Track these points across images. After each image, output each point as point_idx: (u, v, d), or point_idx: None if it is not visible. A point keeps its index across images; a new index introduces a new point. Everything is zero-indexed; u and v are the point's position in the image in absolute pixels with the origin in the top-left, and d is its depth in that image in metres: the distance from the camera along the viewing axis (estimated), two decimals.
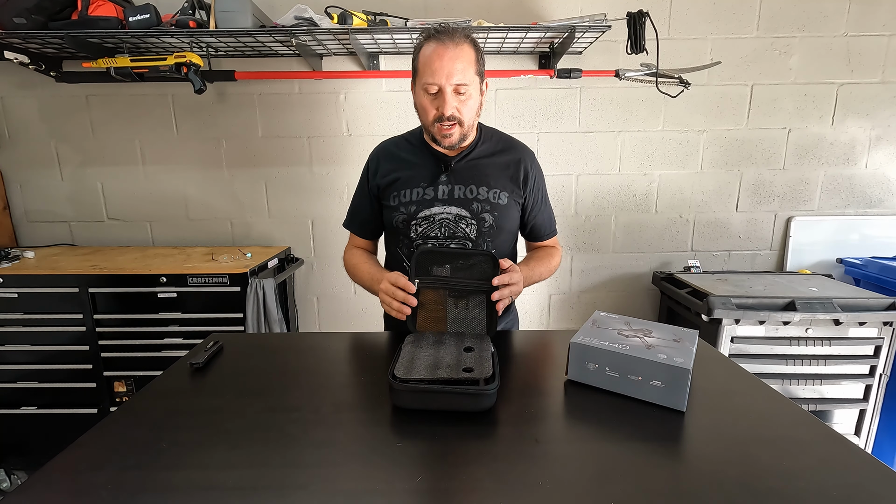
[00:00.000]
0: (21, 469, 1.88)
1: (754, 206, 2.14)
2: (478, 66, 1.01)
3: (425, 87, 1.00)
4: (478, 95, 1.03)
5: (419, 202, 1.09)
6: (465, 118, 1.01)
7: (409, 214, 1.10)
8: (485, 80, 1.06)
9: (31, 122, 2.03)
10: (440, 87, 0.98)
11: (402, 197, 1.10)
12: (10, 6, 1.58)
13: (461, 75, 0.97)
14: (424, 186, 1.09)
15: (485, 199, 1.08)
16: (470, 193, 1.08)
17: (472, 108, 1.02)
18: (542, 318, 2.25)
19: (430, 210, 1.09)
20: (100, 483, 0.57)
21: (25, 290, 1.68)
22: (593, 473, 0.58)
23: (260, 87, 2.01)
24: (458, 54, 0.96)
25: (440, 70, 0.96)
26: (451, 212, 1.08)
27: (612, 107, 2.03)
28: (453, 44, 0.97)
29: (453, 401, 0.70)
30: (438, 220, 1.09)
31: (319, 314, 2.24)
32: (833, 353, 1.66)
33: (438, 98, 0.99)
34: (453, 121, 1.00)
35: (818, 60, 1.99)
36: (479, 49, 1.02)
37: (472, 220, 1.08)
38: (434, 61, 0.97)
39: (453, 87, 0.98)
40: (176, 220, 2.14)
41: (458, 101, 0.99)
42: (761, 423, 0.69)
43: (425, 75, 0.99)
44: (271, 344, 1.09)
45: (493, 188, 1.09)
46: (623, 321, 0.90)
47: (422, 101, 1.03)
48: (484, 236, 1.09)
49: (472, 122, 1.05)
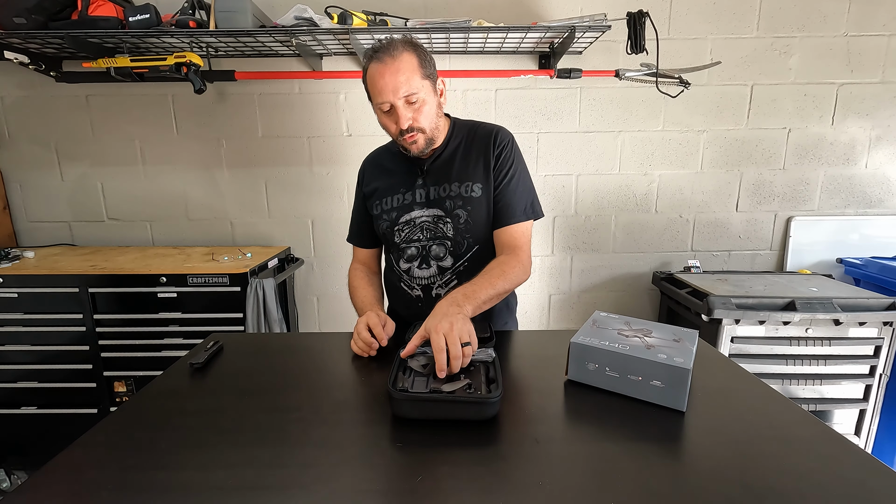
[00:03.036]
0: (21, 469, 1.88)
1: (754, 206, 2.13)
2: (424, 71, 1.00)
3: (379, 107, 1.02)
4: (433, 98, 1.03)
5: (400, 208, 1.12)
6: (424, 125, 1.01)
7: (392, 220, 1.12)
8: (438, 80, 1.06)
9: (31, 122, 2.03)
10: (391, 103, 0.99)
11: (384, 204, 1.13)
12: (10, 6, 1.58)
13: (406, 86, 0.97)
14: (404, 192, 1.12)
15: (457, 194, 1.08)
16: (443, 192, 1.09)
17: (429, 114, 1.02)
18: (542, 318, 2.25)
19: (411, 214, 1.11)
20: (100, 483, 0.57)
21: (25, 290, 1.68)
22: (593, 473, 0.58)
23: (260, 87, 2.01)
24: (399, 67, 0.97)
25: (385, 88, 0.97)
26: (430, 213, 1.10)
27: (612, 107, 2.03)
28: (391, 58, 0.97)
29: (455, 410, 0.69)
30: (419, 224, 1.11)
31: (319, 314, 2.24)
32: (833, 353, 1.66)
33: (393, 114, 1.01)
34: (413, 131, 1.01)
35: (818, 60, 1.99)
36: (422, 53, 1.01)
37: (447, 219, 1.09)
38: (378, 81, 0.98)
39: (403, 100, 0.99)
40: (176, 220, 2.14)
41: (412, 111, 1.00)
42: (761, 423, 0.69)
43: (375, 96, 1.00)
44: (271, 344, 1.09)
45: (466, 182, 1.09)
46: (623, 321, 0.90)
47: (381, 120, 1.05)
48: (462, 233, 1.09)
49: (435, 125, 1.05)
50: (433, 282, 1.12)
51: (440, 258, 1.10)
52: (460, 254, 1.10)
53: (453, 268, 1.11)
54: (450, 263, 1.11)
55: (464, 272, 1.10)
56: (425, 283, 1.12)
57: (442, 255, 1.10)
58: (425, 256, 1.11)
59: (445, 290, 1.11)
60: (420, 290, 1.13)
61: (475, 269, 1.04)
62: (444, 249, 1.10)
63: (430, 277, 1.12)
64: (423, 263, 1.11)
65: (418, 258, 1.12)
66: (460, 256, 1.10)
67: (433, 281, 1.12)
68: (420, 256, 1.11)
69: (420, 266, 1.12)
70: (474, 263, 1.09)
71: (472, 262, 1.10)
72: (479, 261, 1.09)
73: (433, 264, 1.11)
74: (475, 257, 1.10)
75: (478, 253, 1.11)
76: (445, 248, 1.10)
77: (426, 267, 1.11)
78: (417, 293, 1.14)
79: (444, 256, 1.10)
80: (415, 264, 1.12)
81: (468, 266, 1.10)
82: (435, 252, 1.10)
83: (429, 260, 1.11)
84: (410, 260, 1.12)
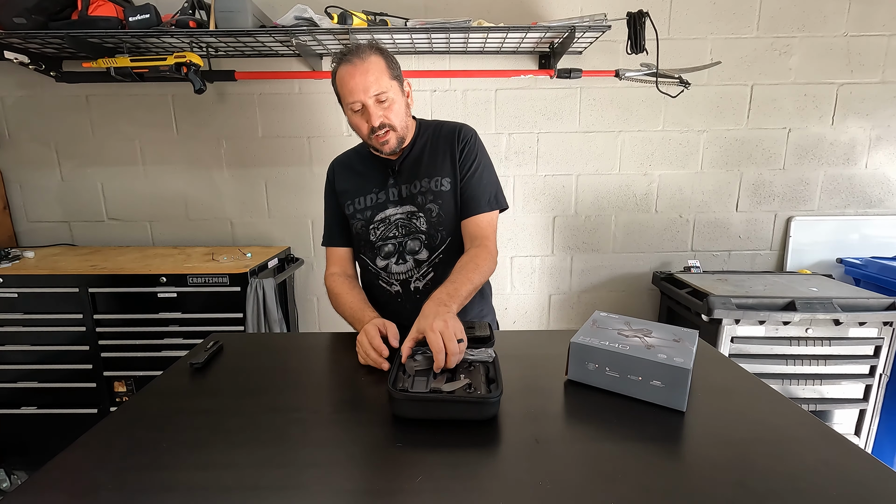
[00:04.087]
0: (21, 469, 1.88)
1: (754, 206, 2.13)
2: (391, 72, 1.04)
3: (350, 107, 1.05)
4: (401, 98, 1.07)
5: (374, 207, 1.15)
6: (395, 122, 1.05)
7: (367, 219, 1.15)
8: (405, 81, 1.10)
9: (31, 122, 2.03)
10: (362, 102, 1.02)
11: (357, 204, 1.16)
12: (10, 6, 1.58)
13: (376, 85, 1.01)
14: (377, 192, 1.15)
15: (427, 189, 1.12)
16: (415, 188, 1.13)
17: (399, 112, 1.06)
18: (542, 318, 2.25)
19: (385, 212, 1.14)
20: (100, 483, 0.57)
21: (25, 290, 1.68)
22: (593, 473, 0.58)
23: (260, 87, 2.01)
24: (368, 68, 1.01)
25: (356, 87, 1.01)
26: (404, 210, 1.13)
27: (612, 107, 2.03)
28: (360, 60, 1.01)
29: (455, 410, 0.69)
30: (394, 221, 1.14)
31: (319, 314, 2.24)
32: (833, 353, 1.66)
33: (364, 113, 1.04)
34: (384, 128, 1.04)
35: (818, 60, 1.99)
36: (388, 56, 1.06)
37: (420, 214, 1.12)
38: (348, 82, 1.01)
39: (374, 99, 1.02)
40: (176, 220, 2.14)
41: (382, 109, 1.04)
42: (761, 423, 0.69)
43: (346, 97, 1.04)
44: (271, 344, 1.09)
45: (435, 176, 1.12)
46: (623, 321, 0.90)
47: (352, 120, 1.08)
48: (435, 226, 1.12)
49: (405, 124, 1.09)
50: (411, 276, 1.15)
51: (416, 252, 1.14)
52: (435, 246, 1.14)
53: (429, 260, 1.14)
54: (425, 256, 1.14)
55: (439, 264, 1.14)
56: (403, 278, 1.15)
57: (417, 249, 1.14)
58: (401, 252, 1.14)
59: (423, 283, 1.14)
60: (399, 286, 1.16)
61: (450, 260, 1.09)
62: (420, 243, 1.13)
63: (408, 272, 1.14)
64: (400, 259, 1.14)
65: (395, 254, 1.15)
66: (435, 249, 1.14)
67: (411, 275, 1.15)
68: (396, 252, 1.15)
69: (397, 262, 1.15)
70: (448, 254, 1.13)
71: (447, 254, 1.14)
72: (453, 252, 1.13)
73: (409, 259, 1.14)
74: (449, 249, 1.14)
75: (451, 244, 1.14)
76: (420, 241, 1.13)
77: (402, 262, 1.14)
78: (396, 288, 1.16)
79: (420, 250, 1.14)
80: (392, 261, 1.15)
81: (443, 258, 1.14)
82: (410, 247, 1.14)
83: (405, 255, 1.14)
84: (388, 257, 1.15)
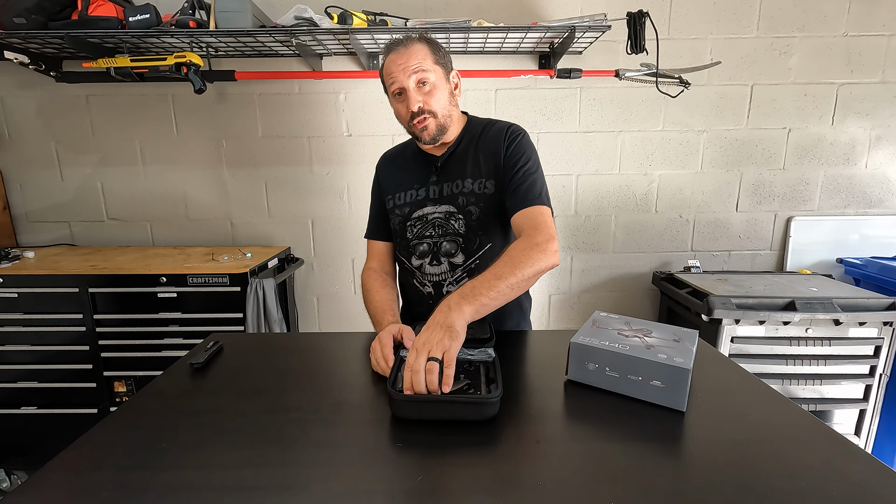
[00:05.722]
0: (21, 469, 1.87)
1: (754, 206, 2.13)
2: (436, 58, 1.03)
3: (393, 93, 1.04)
4: (444, 85, 1.05)
5: (412, 203, 1.12)
6: (435, 108, 1.03)
7: (405, 216, 1.12)
8: (453, 71, 1.08)
9: (31, 122, 2.03)
10: (403, 86, 1.01)
11: (398, 199, 1.14)
12: (10, 6, 1.58)
13: (417, 68, 1.00)
14: (417, 188, 1.12)
15: (469, 191, 1.08)
16: (456, 188, 1.09)
17: (441, 99, 1.03)
18: (542, 318, 2.25)
19: (423, 210, 1.11)
20: (100, 483, 0.57)
21: (25, 290, 1.68)
22: (593, 473, 0.58)
23: (260, 87, 2.01)
24: (412, 52, 1.00)
25: (397, 70, 1.01)
26: (442, 210, 1.10)
27: (612, 107, 2.03)
28: (404, 47, 1.01)
29: (456, 410, 0.69)
30: (431, 220, 1.10)
31: (319, 314, 2.24)
32: (833, 353, 1.66)
33: (405, 98, 1.03)
34: (423, 113, 1.02)
35: (818, 60, 1.99)
36: (434, 45, 1.04)
37: (459, 216, 1.08)
38: (391, 68, 1.02)
39: (415, 83, 1.01)
40: (176, 220, 2.14)
41: (422, 94, 1.02)
42: (761, 423, 0.69)
43: (389, 84, 1.04)
44: (271, 344, 1.09)
45: (479, 178, 1.07)
46: (623, 321, 0.90)
47: (395, 107, 1.07)
48: (474, 230, 1.08)
49: (448, 113, 1.06)
50: (444, 279, 1.11)
51: (451, 255, 1.09)
52: (472, 251, 1.09)
53: (464, 265, 1.09)
54: (461, 260, 1.09)
55: (475, 270, 1.08)
56: (436, 280, 1.12)
57: (453, 252, 1.09)
58: (436, 253, 1.10)
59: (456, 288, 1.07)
60: (431, 287, 1.13)
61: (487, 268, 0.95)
62: (456, 246, 1.09)
63: (441, 274, 1.11)
64: (434, 260, 1.11)
65: (430, 254, 1.11)
66: (472, 253, 1.09)
67: (444, 278, 1.11)
68: (431, 253, 1.11)
69: (431, 263, 1.11)
70: (485, 261, 1.07)
71: (483, 260, 1.08)
72: (490, 259, 1.05)
73: (444, 261, 1.10)
74: (487, 255, 1.08)
75: (490, 251, 1.09)
76: (457, 244, 1.09)
77: (437, 264, 1.10)
78: (429, 290, 1.13)
79: (456, 253, 1.09)
80: (426, 260, 1.11)
81: (479, 264, 1.08)
82: (446, 249, 1.09)
83: (439, 256, 1.10)
84: (422, 256, 1.12)
